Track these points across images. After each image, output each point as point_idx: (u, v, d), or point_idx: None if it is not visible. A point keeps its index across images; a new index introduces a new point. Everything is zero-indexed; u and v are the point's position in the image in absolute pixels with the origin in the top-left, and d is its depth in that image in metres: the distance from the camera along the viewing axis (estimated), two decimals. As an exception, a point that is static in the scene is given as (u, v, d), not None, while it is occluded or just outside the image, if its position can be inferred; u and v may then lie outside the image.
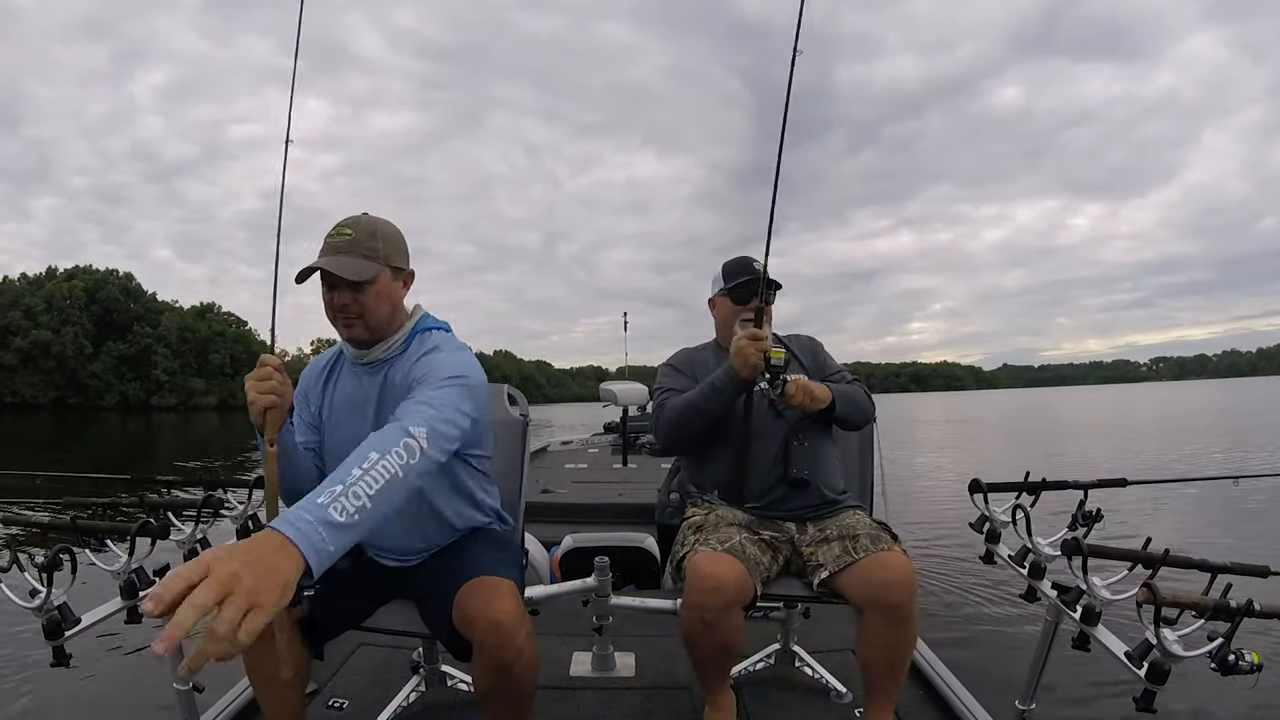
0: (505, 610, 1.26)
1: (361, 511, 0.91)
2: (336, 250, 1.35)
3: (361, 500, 0.91)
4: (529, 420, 1.90)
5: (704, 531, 1.67)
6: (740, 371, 1.67)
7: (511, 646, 1.25)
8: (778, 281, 1.81)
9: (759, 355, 1.65)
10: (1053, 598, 1.52)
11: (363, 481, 0.94)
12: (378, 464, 0.98)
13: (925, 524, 6.25)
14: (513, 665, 1.26)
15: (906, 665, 1.59)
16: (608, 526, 3.59)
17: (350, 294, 1.35)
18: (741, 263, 1.92)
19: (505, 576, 1.35)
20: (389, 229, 1.42)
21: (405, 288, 1.46)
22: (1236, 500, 6.64)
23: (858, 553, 1.57)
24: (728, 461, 1.78)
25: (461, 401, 1.24)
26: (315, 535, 0.83)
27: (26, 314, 53.95)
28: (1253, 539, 5.52)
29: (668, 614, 2.01)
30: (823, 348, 2.00)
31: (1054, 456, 12.57)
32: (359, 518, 0.90)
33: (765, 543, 1.68)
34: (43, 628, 1.29)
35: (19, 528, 1.56)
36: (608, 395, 6.65)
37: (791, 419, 1.79)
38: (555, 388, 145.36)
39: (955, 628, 3.67)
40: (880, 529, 1.67)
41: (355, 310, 1.36)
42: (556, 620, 2.45)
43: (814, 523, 1.74)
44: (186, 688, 1.62)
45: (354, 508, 0.90)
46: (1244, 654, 1.16)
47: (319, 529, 0.84)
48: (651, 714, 1.93)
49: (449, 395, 1.23)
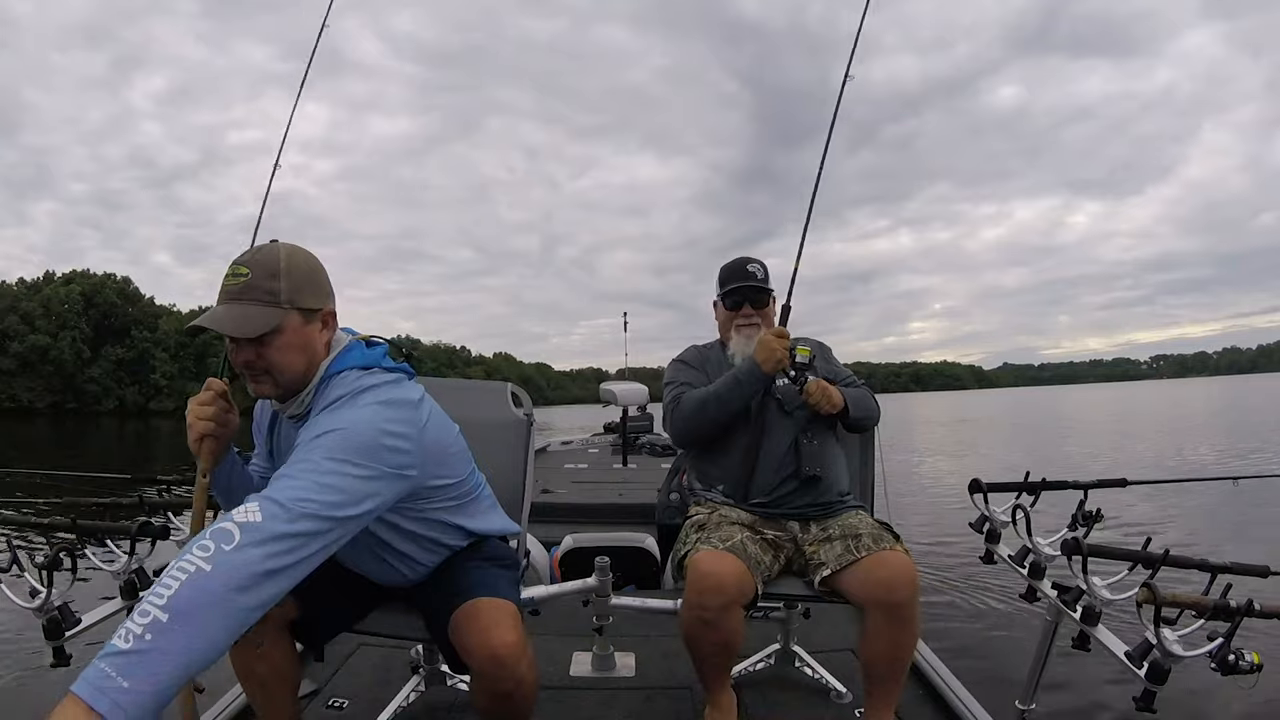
0: (506, 643, 1.20)
1: (154, 629, 0.74)
2: (230, 297, 1.15)
3: (150, 616, 0.75)
4: (533, 420, 1.89)
5: (706, 530, 1.67)
6: (763, 365, 1.73)
7: (510, 679, 1.21)
8: (769, 288, 1.91)
9: (784, 351, 1.73)
10: (1053, 598, 1.52)
11: (153, 594, 0.78)
12: (171, 569, 0.81)
13: (925, 524, 6.25)
14: (512, 695, 1.23)
15: (907, 666, 1.59)
16: (608, 526, 3.59)
17: (253, 349, 1.15)
18: (735, 267, 1.94)
19: (504, 596, 1.29)
20: (296, 261, 1.19)
21: (326, 328, 1.23)
22: (1236, 500, 6.64)
23: (859, 551, 1.57)
24: (737, 457, 1.79)
25: (331, 457, 1.01)
26: (102, 679, 0.71)
27: (24, 319, 53.57)
28: (1253, 539, 5.52)
29: (668, 614, 2.01)
30: (831, 352, 2.00)
31: (1054, 459, 12.57)
32: (151, 638, 0.74)
33: (768, 542, 1.68)
34: (43, 628, 1.29)
35: (19, 528, 1.56)
36: (608, 395, 6.65)
37: (800, 419, 1.80)
38: (555, 390, 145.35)
39: (955, 628, 3.67)
40: (882, 529, 1.67)
41: (260, 366, 1.17)
42: (556, 620, 2.44)
43: (817, 522, 1.74)
44: (187, 688, 1.62)
45: (140, 627, 0.74)
46: (1244, 654, 1.16)
47: (104, 667, 0.71)
48: (651, 714, 1.93)
49: (312, 456, 1.01)
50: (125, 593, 1.44)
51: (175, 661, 0.75)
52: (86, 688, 0.70)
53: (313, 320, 1.20)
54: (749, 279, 1.91)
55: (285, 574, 0.89)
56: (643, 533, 3.24)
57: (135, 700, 0.71)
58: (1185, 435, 16.12)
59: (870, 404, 1.88)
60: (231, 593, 0.81)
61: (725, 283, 1.93)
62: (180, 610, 0.77)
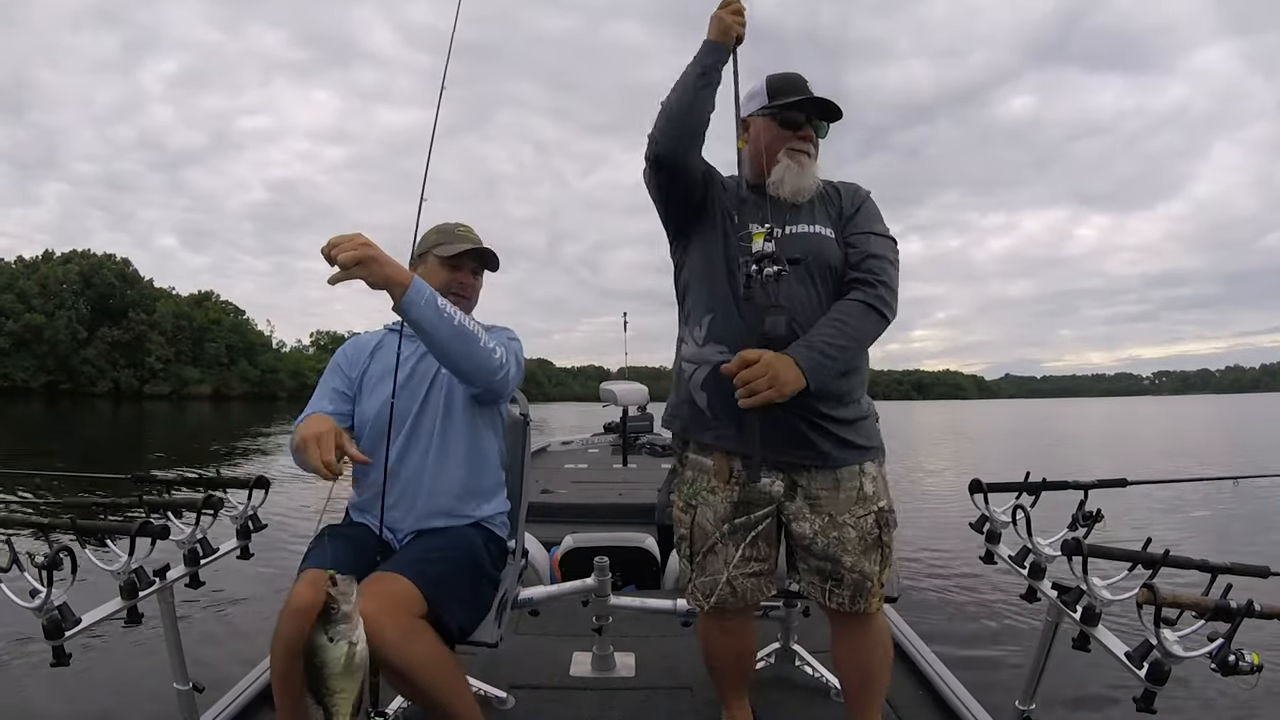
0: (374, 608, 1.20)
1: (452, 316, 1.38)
2: (474, 242, 1.67)
3: (458, 318, 1.38)
4: (530, 419, 1.89)
5: (692, 554, 1.53)
6: (714, 37, 1.44)
7: (376, 648, 1.17)
8: (838, 107, 1.52)
9: (738, 20, 1.43)
10: (1053, 598, 1.52)
11: (460, 315, 1.40)
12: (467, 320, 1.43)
13: (925, 524, 6.25)
14: (393, 664, 1.23)
15: (881, 701, 1.60)
16: (608, 526, 3.59)
17: (474, 278, 1.69)
18: (791, 79, 1.55)
19: (422, 578, 1.34)
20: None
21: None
22: (1236, 501, 6.64)
23: (833, 599, 1.45)
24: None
25: (512, 339, 1.65)
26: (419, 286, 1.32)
27: (20, 297, 52.96)
28: (1253, 539, 5.53)
29: (668, 614, 2.01)
30: (874, 206, 1.56)
31: (1053, 469, 12.56)
32: (448, 312, 1.36)
33: (756, 547, 1.50)
34: (43, 628, 1.29)
35: (19, 528, 1.55)
36: (608, 395, 6.64)
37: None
38: (556, 386, 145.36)
39: (955, 628, 3.68)
40: (871, 557, 1.44)
41: (474, 289, 1.69)
42: (556, 620, 2.45)
43: (804, 489, 1.46)
44: (187, 688, 1.62)
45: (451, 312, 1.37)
46: (1244, 654, 1.16)
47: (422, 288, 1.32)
48: (651, 714, 1.93)
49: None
50: (125, 593, 1.44)
51: (440, 326, 1.36)
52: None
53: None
54: (810, 93, 1.53)
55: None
56: (643, 533, 3.24)
57: (422, 296, 1.32)
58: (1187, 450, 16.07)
59: (866, 326, 1.41)
60: (474, 339, 1.43)
61: (778, 93, 1.53)
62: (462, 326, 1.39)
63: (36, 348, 52.66)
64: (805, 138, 1.51)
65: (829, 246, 1.48)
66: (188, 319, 63.47)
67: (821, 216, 1.51)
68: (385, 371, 1.61)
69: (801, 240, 1.46)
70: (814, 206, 1.52)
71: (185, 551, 1.64)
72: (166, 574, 1.54)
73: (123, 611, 1.45)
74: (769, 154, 1.50)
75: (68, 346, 54.14)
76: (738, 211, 1.48)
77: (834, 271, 1.47)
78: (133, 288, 60.73)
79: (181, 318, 62.92)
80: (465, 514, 1.60)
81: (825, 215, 1.52)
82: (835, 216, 1.52)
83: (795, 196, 1.50)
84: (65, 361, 54.14)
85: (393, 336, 1.65)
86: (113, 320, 57.71)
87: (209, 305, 68.99)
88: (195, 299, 68.73)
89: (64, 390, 52.59)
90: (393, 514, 1.55)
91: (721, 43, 1.44)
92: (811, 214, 1.51)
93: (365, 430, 1.60)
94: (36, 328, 52.44)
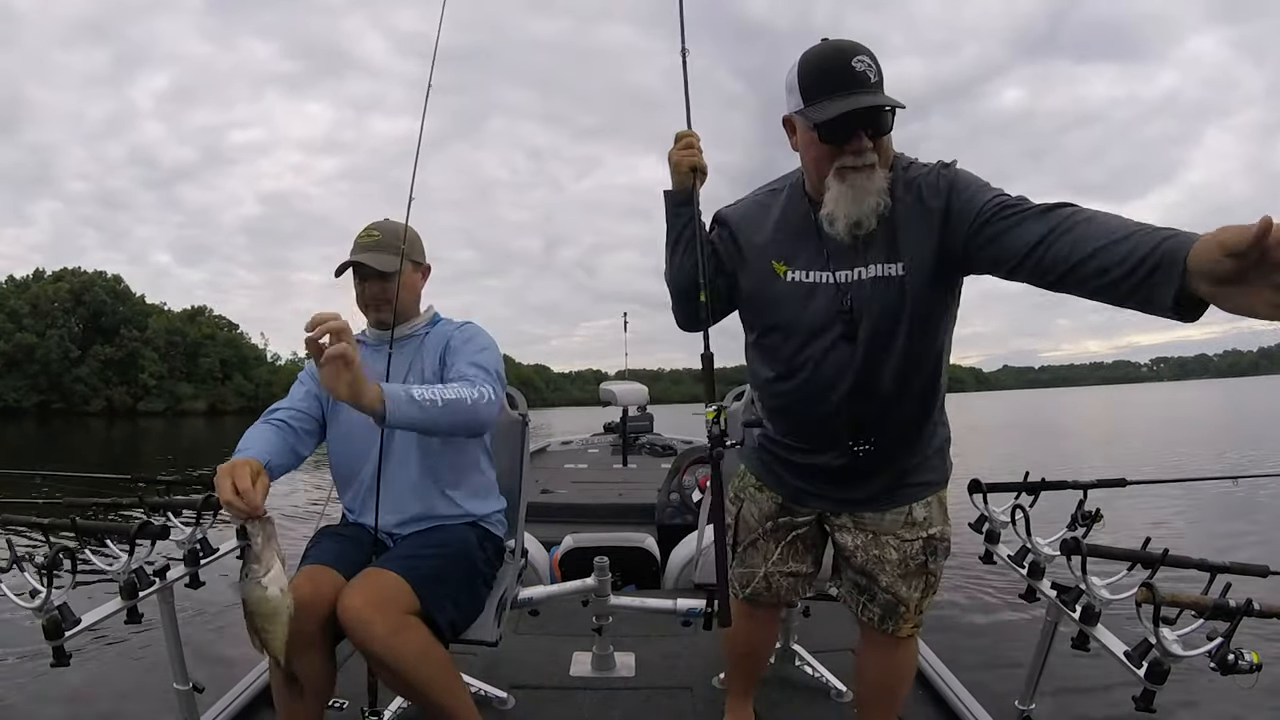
0: (349, 606, 1.27)
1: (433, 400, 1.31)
2: (364, 249, 1.59)
3: (434, 396, 1.31)
4: (528, 421, 1.90)
5: (735, 544, 1.55)
6: (673, 184, 1.35)
7: (361, 639, 1.27)
8: (897, 102, 1.13)
9: (689, 155, 1.32)
10: (1052, 598, 1.52)
11: (435, 389, 1.34)
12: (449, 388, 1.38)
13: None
14: (378, 657, 1.28)
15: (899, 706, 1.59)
16: (608, 526, 3.59)
17: (379, 284, 1.59)
18: (834, 66, 1.15)
19: (416, 575, 1.36)
20: (409, 230, 1.64)
21: (424, 279, 1.73)
22: (1236, 500, 6.64)
23: (865, 613, 1.43)
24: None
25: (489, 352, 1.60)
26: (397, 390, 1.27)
27: (10, 317, 52.62)
28: (1253, 539, 5.53)
29: (668, 614, 2.01)
30: (968, 180, 1.19)
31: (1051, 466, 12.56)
32: (428, 398, 1.30)
33: (795, 548, 1.50)
34: (43, 628, 1.29)
35: (19, 528, 1.56)
36: (607, 395, 6.64)
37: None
38: (554, 391, 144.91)
39: (955, 628, 3.68)
40: (911, 583, 1.39)
41: (384, 297, 1.60)
42: (556, 620, 2.45)
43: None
44: (186, 688, 1.62)
45: (428, 396, 1.30)
46: (1243, 654, 1.16)
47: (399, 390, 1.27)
48: (651, 714, 1.93)
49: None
50: (125, 593, 1.44)
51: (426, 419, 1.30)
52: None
53: (418, 270, 1.70)
54: (860, 85, 1.12)
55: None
56: (643, 533, 3.24)
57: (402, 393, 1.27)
58: (1186, 441, 16.10)
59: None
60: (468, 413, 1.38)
61: (814, 94, 1.16)
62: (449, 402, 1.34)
63: (28, 367, 52.26)
64: (857, 150, 1.16)
65: (894, 291, 1.22)
66: (181, 334, 62.85)
67: (890, 247, 1.22)
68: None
69: (868, 289, 1.24)
70: (881, 232, 1.21)
71: (185, 552, 1.64)
72: (166, 574, 1.54)
73: (123, 612, 1.45)
74: (817, 172, 1.23)
75: (60, 365, 53.62)
76: (789, 257, 1.29)
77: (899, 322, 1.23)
78: (124, 304, 60.11)
79: (174, 333, 62.32)
80: (457, 513, 1.60)
81: (907, 239, 1.21)
82: (928, 230, 1.19)
83: (854, 231, 1.20)
84: (57, 380, 53.62)
85: (363, 347, 1.59)
86: (105, 338, 57.22)
87: (202, 320, 68.39)
88: (188, 314, 68.15)
89: (57, 410, 52.10)
90: (384, 516, 1.55)
91: (679, 189, 1.35)
92: (879, 246, 1.23)
93: (351, 434, 1.59)
94: (28, 347, 52.07)
